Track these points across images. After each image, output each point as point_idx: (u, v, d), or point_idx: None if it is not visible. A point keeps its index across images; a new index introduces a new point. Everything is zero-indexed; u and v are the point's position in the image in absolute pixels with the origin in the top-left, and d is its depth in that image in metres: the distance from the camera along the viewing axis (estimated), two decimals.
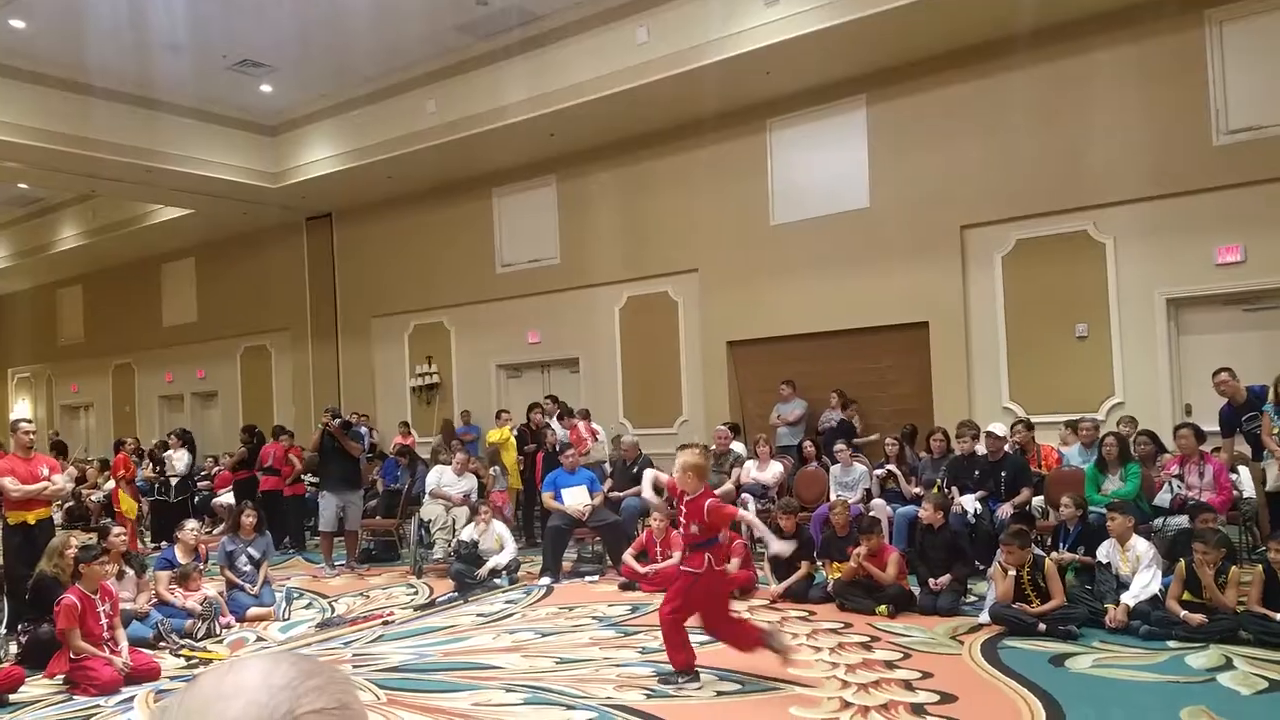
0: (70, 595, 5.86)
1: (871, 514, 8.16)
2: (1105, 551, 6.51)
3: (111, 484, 12.38)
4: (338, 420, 9.94)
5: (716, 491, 9.41)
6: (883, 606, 6.72)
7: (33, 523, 7.26)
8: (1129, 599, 6.02)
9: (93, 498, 14.77)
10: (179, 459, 12.78)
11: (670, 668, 5.30)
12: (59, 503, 10.44)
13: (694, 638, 5.38)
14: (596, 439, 11.37)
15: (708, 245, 12.62)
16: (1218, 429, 8.06)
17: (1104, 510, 7.30)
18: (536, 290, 14.38)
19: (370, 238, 16.44)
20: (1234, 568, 5.91)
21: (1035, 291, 10.47)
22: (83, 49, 12.16)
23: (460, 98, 12.93)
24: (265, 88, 13.90)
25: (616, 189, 13.53)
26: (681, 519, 5.39)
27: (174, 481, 12.68)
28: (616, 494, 9.78)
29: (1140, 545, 6.31)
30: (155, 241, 18.79)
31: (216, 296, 19.16)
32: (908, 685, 5.05)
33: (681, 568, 5.41)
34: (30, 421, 7.90)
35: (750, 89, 11.56)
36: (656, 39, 11.11)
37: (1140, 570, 6.15)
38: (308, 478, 12.29)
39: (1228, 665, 5.16)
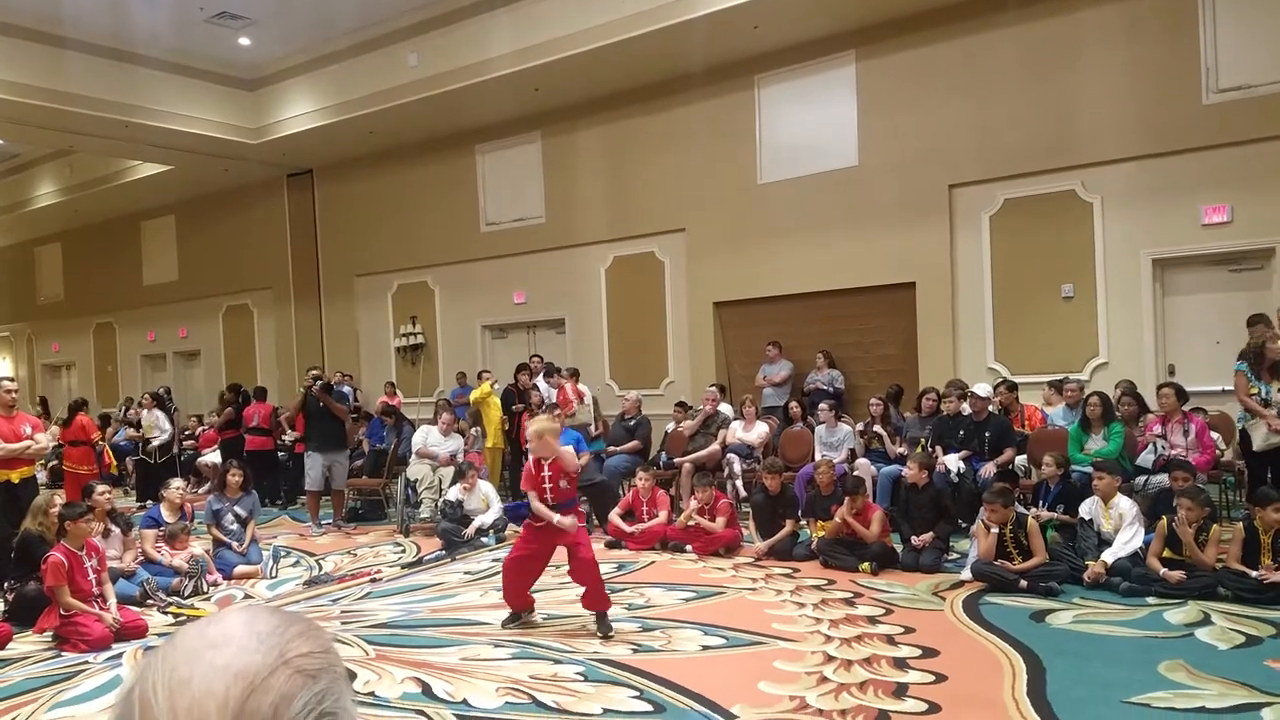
0: (57, 553, 5.85)
1: (856, 473, 8.21)
2: (1088, 509, 6.58)
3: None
4: (320, 383, 9.88)
5: (703, 452, 9.55)
6: (866, 564, 6.80)
7: (16, 481, 7.23)
8: (1109, 555, 6.11)
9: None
10: (156, 420, 12.67)
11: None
12: (42, 462, 10.39)
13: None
14: (583, 401, 11.37)
15: (695, 204, 12.54)
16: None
17: (1087, 469, 7.40)
18: (522, 250, 14.27)
19: (352, 195, 16.26)
20: (1215, 526, 5.99)
21: (1022, 252, 10.48)
22: (57, 1, 11.88)
23: (443, 51, 12.73)
24: (244, 40, 13.64)
25: (602, 147, 13.40)
26: (549, 484, 5.57)
27: (156, 443, 12.60)
28: (612, 449, 9.91)
29: (1124, 504, 6.39)
30: (135, 198, 18.53)
31: (198, 255, 18.95)
32: (890, 640, 5.12)
33: (558, 520, 5.51)
34: (13, 380, 7.83)
35: (738, 44, 11.43)
36: None
37: (1123, 528, 6.23)
38: (288, 437, 12.29)
39: (1205, 621, 5.25)
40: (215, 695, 0.71)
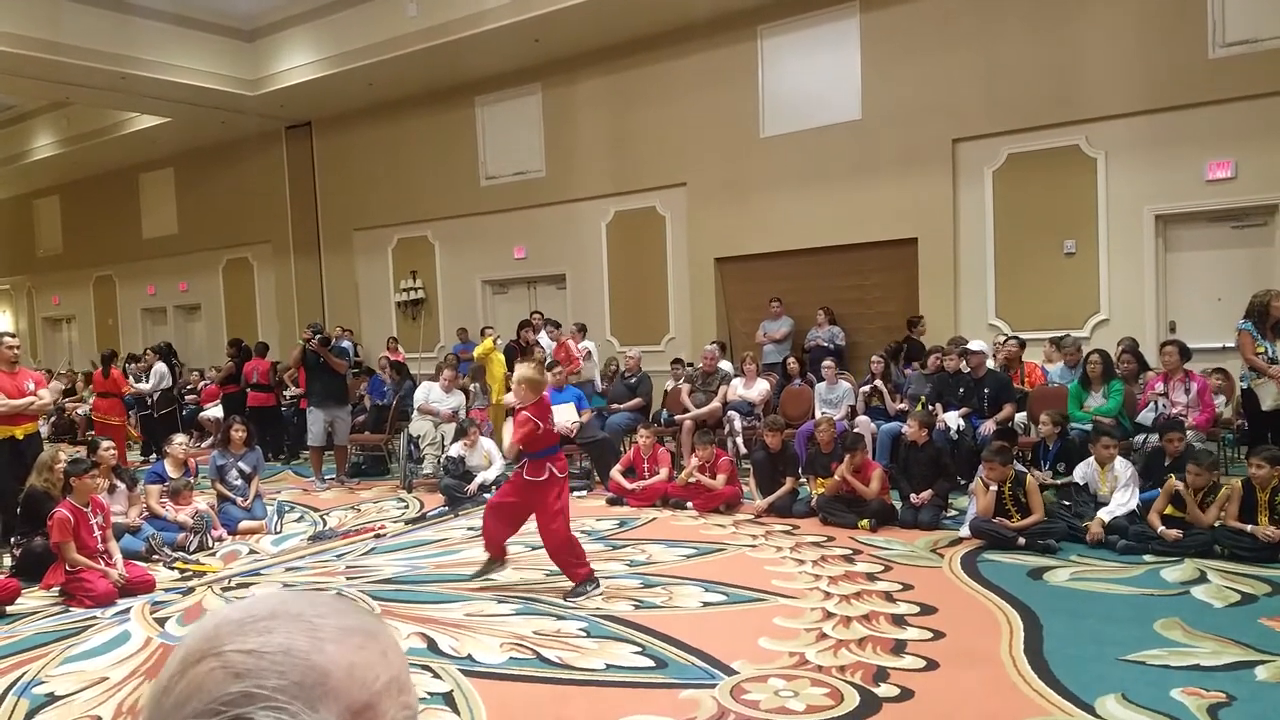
0: (62, 509, 5.90)
1: (856, 431, 8.25)
2: (1082, 473, 6.61)
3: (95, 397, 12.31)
4: (319, 337, 9.84)
5: (703, 409, 9.57)
6: (865, 521, 6.85)
7: (20, 438, 7.26)
8: (1105, 514, 6.15)
9: (78, 411, 14.78)
10: (156, 374, 12.71)
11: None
12: (45, 417, 10.43)
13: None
14: (590, 358, 11.36)
15: (696, 158, 12.44)
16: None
17: (1085, 427, 7.43)
18: (522, 204, 14.19)
19: (351, 148, 16.12)
20: (1224, 489, 5.99)
21: (1025, 207, 10.42)
22: None
23: (442, 1, 12.54)
24: None
25: (603, 99, 13.26)
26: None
27: (156, 396, 12.64)
28: (615, 406, 9.93)
29: (1119, 465, 6.42)
30: (133, 151, 18.38)
31: (197, 208, 18.85)
32: (888, 597, 5.18)
33: (525, 476, 5.56)
34: (14, 335, 7.83)
35: None
36: None
37: (1118, 489, 6.26)
38: (290, 392, 12.34)
39: (1201, 579, 5.30)
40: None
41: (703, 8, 11.57)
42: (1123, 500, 6.19)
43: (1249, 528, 5.64)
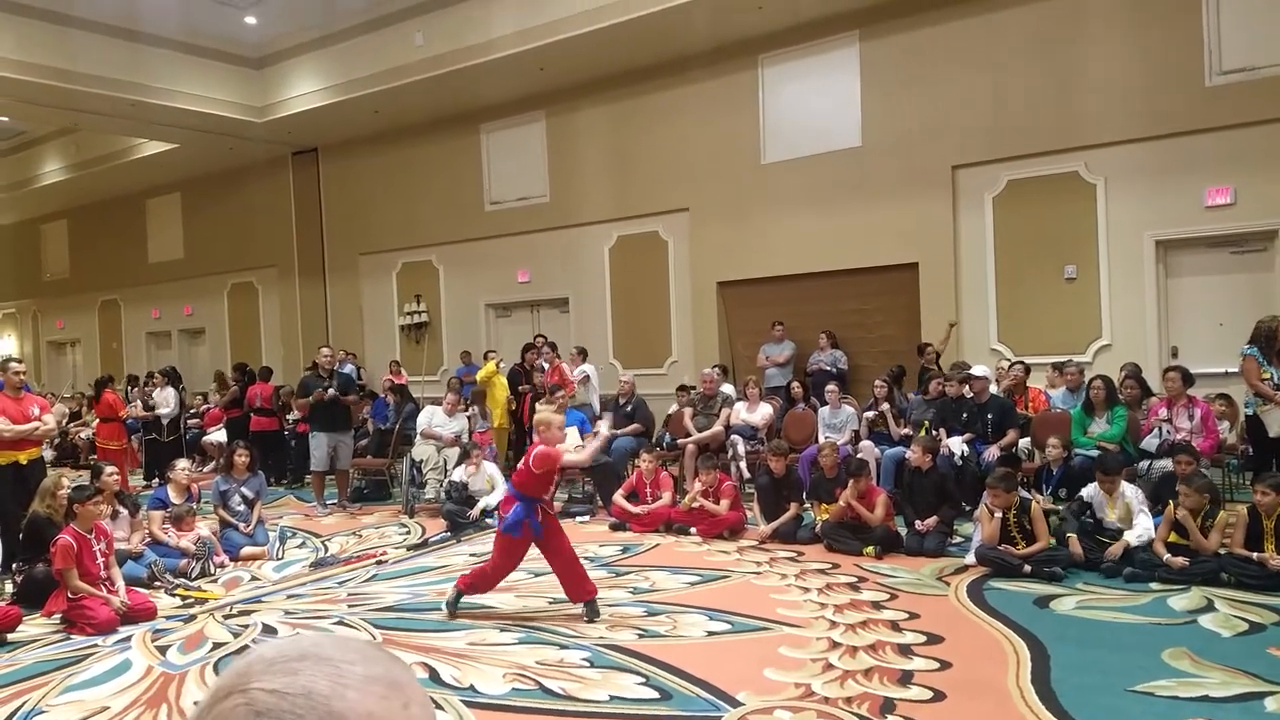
0: (66, 535, 5.88)
1: (860, 455, 8.23)
2: (1089, 492, 6.58)
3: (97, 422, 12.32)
4: (332, 392, 9.77)
5: (706, 433, 9.56)
6: (870, 547, 6.83)
7: (24, 463, 7.28)
8: (1132, 537, 6.08)
9: (81, 435, 14.79)
10: (166, 398, 12.74)
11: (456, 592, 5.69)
12: (49, 441, 10.43)
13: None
14: (589, 381, 11.35)
15: (698, 184, 12.51)
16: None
17: (1090, 453, 7.42)
18: (526, 229, 14.26)
19: (357, 173, 16.23)
20: (1221, 513, 5.99)
21: (1025, 233, 10.46)
22: None
23: (448, 31, 12.67)
24: (250, 19, 13.59)
25: (606, 126, 13.35)
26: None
27: (165, 421, 12.65)
28: (613, 432, 9.84)
29: (1129, 491, 6.39)
30: (140, 176, 18.52)
31: (203, 232, 18.96)
32: (894, 626, 5.15)
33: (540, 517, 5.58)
34: (21, 361, 7.87)
35: (742, 24, 11.36)
36: None
37: (1136, 514, 6.22)
38: (293, 417, 12.33)
39: (1209, 607, 5.27)
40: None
41: (704, 38, 11.68)
42: (1146, 524, 6.14)
43: (1255, 556, 5.61)
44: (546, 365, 11.28)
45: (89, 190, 19.73)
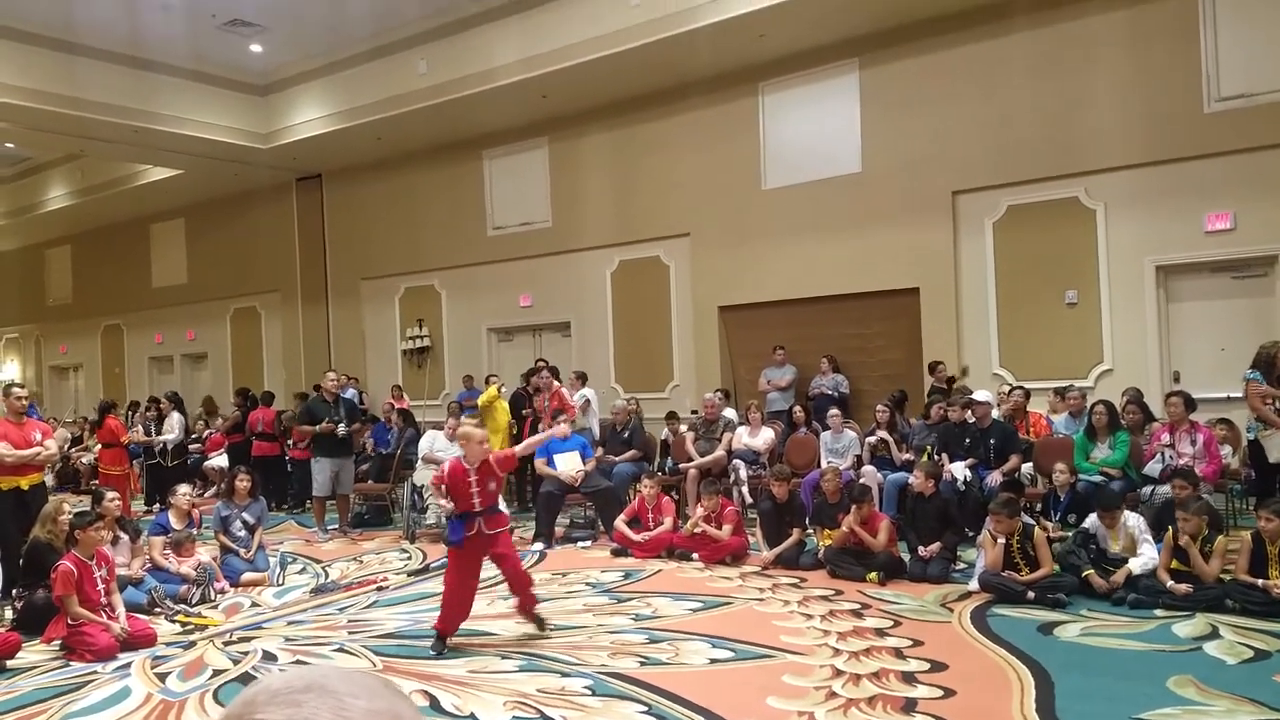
0: (67, 561, 5.87)
1: (862, 481, 8.21)
2: (1092, 522, 6.55)
3: (99, 447, 12.30)
4: (343, 428, 9.75)
5: (708, 458, 9.55)
6: (873, 573, 6.79)
7: (25, 488, 7.27)
8: (1136, 565, 6.06)
9: (83, 460, 14.78)
10: (173, 423, 12.74)
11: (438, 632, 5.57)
12: (50, 466, 10.42)
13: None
14: (590, 406, 11.35)
15: (699, 209, 12.58)
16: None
17: (1093, 479, 7.41)
18: (528, 253, 14.33)
19: (360, 199, 16.32)
20: (1220, 538, 5.97)
21: (1026, 258, 10.49)
22: (71, 8, 11.98)
23: (452, 59, 12.78)
24: (255, 47, 13.71)
25: (608, 152, 13.44)
26: (476, 488, 5.55)
27: (171, 446, 12.64)
28: (610, 458, 9.83)
29: (1131, 520, 6.36)
30: (144, 202, 18.63)
31: (206, 257, 19.04)
32: (898, 653, 5.12)
33: (487, 531, 5.58)
34: (23, 386, 7.89)
35: (742, 52, 11.46)
36: (650, 1, 10.97)
37: (1140, 542, 6.20)
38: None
39: (1214, 634, 5.24)
40: None
41: (705, 65, 11.78)
42: (1151, 554, 6.11)
43: (1260, 582, 5.58)
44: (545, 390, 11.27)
45: (93, 216, 19.84)
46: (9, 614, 6.56)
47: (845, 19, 10.65)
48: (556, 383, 11.12)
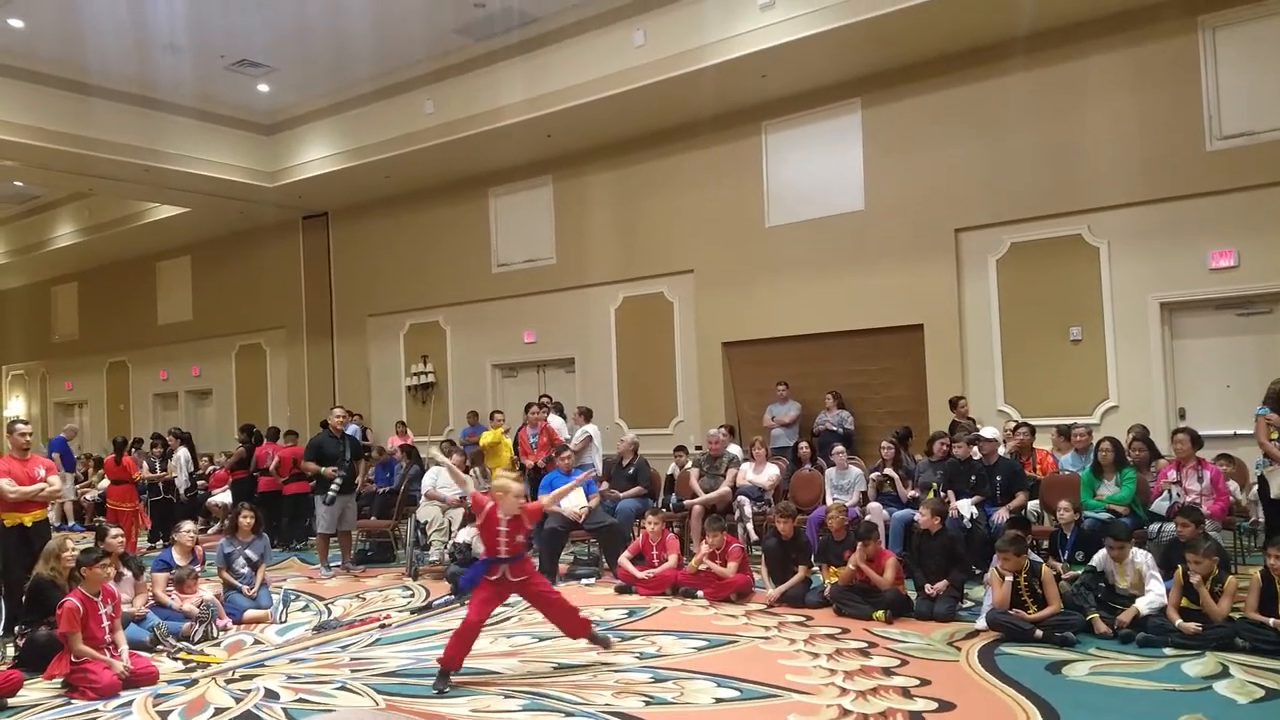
0: (73, 598, 5.85)
1: (868, 518, 8.17)
2: (1100, 559, 6.52)
3: (106, 483, 12.28)
4: (341, 476, 9.75)
5: (712, 494, 9.52)
6: (880, 612, 6.74)
7: (29, 525, 7.26)
8: (1144, 605, 6.01)
9: (87, 496, 14.76)
10: (181, 459, 12.76)
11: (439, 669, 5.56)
12: (54, 503, 10.41)
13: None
14: (592, 442, 11.33)
15: (703, 247, 12.66)
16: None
17: (1100, 516, 7.37)
18: (532, 290, 14.41)
19: (366, 237, 16.45)
20: (1230, 577, 5.93)
21: (1029, 295, 10.52)
22: (81, 48, 12.18)
23: (458, 98, 12.95)
24: (263, 87, 13.90)
25: (613, 190, 13.56)
26: (504, 538, 5.70)
27: (180, 483, 12.63)
28: (615, 494, 9.79)
29: (1140, 557, 6.32)
30: (151, 239, 18.79)
31: (212, 294, 19.15)
32: (905, 693, 5.07)
33: (512, 579, 5.73)
34: (27, 423, 7.90)
35: (746, 92, 11.60)
36: (653, 42, 11.14)
37: (1148, 579, 6.15)
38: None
39: (1224, 673, 5.19)
40: None
41: (709, 105, 11.92)
42: (1160, 590, 6.07)
43: (1271, 621, 5.54)
44: (557, 423, 11.29)
45: (100, 253, 20.00)
46: (11, 651, 6.53)
47: (847, 60, 10.79)
48: (544, 420, 11.13)
